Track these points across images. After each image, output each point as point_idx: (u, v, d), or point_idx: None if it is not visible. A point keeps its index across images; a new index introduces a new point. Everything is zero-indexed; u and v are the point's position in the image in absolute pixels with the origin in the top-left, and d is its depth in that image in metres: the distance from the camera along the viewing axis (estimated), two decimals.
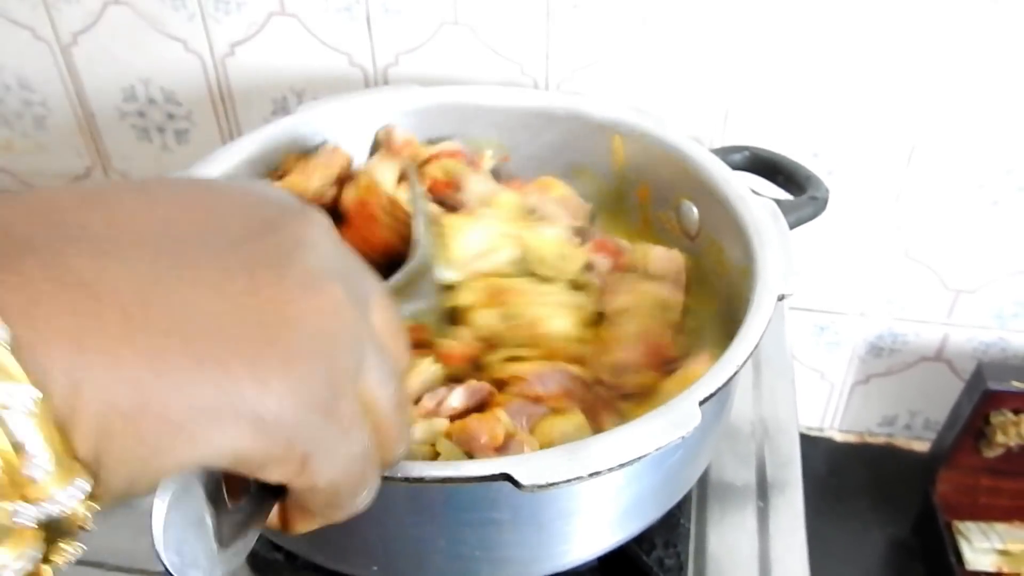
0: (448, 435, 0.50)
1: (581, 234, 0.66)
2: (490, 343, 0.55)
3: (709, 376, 0.45)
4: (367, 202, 0.60)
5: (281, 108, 0.92)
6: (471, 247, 0.57)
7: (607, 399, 0.52)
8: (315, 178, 0.62)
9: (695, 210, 0.64)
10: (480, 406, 0.52)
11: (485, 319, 0.55)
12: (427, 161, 0.68)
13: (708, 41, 0.80)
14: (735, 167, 0.65)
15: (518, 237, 0.60)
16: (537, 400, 0.50)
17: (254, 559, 0.63)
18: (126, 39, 0.89)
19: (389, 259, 0.59)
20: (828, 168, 0.85)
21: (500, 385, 0.53)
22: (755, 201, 0.58)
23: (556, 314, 0.55)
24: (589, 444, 0.41)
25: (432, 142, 0.71)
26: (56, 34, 0.90)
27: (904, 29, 0.77)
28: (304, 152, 0.66)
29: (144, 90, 0.93)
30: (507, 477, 0.39)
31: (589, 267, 0.62)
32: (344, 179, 0.65)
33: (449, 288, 0.58)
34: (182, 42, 0.89)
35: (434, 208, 0.63)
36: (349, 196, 0.63)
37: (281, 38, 0.87)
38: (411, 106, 0.71)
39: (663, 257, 0.63)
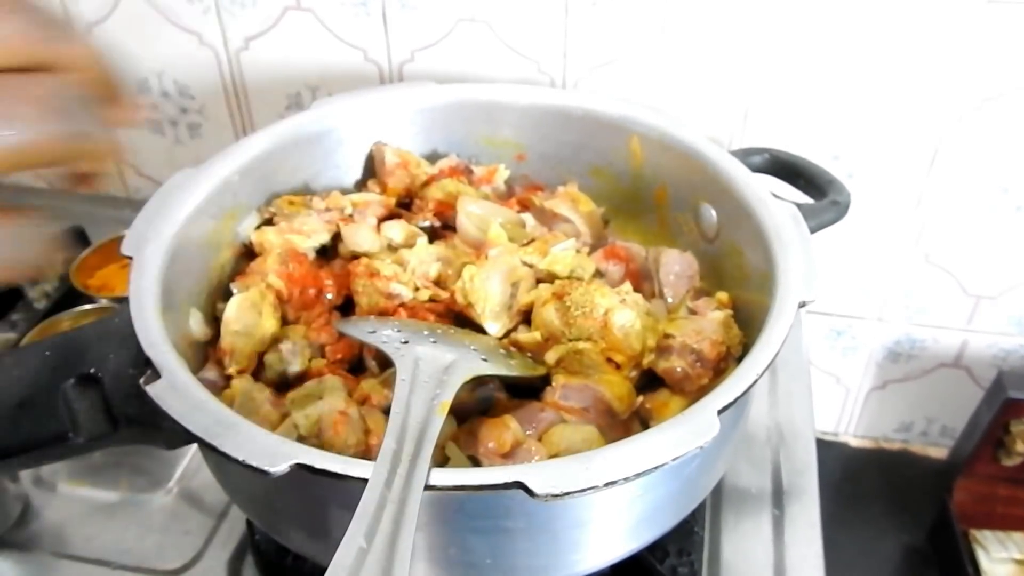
0: (455, 439, 0.49)
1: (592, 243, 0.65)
2: (554, 337, 0.54)
3: (728, 384, 0.44)
4: (351, 272, 0.59)
5: (295, 103, 0.91)
6: (495, 292, 0.56)
7: (627, 427, 0.51)
8: (313, 237, 0.61)
9: (714, 212, 0.62)
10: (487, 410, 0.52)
11: (550, 314, 0.54)
12: (427, 183, 0.67)
13: (727, 41, 0.79)
14: (754, 169, 0.63)
15: (533, 265, 0.59)
16: (556, 408, 0.49)
17: (264, 562, 0.62)
18: (140, 31, 0.89)
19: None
20: (848, 171, 0.84)
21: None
22: (776, 205, 0.57)
23: (621, 307, 0.54)
24: (605, 453, 0.40)
25: (433, 156, 0.70)
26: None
27: (927, 30, 0.75)
28: (295, 192, 0.65)
29: (157, 83, 0.93)
30: (521, 486, 0.38)
31: (599, 274, 0.61)
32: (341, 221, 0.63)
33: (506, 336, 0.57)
34: (196, 35, 0.88)
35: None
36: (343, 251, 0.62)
37: (296, 33, 0.86)
38: (426, 103, 0.70)
39: (677, 260, 0.62)
